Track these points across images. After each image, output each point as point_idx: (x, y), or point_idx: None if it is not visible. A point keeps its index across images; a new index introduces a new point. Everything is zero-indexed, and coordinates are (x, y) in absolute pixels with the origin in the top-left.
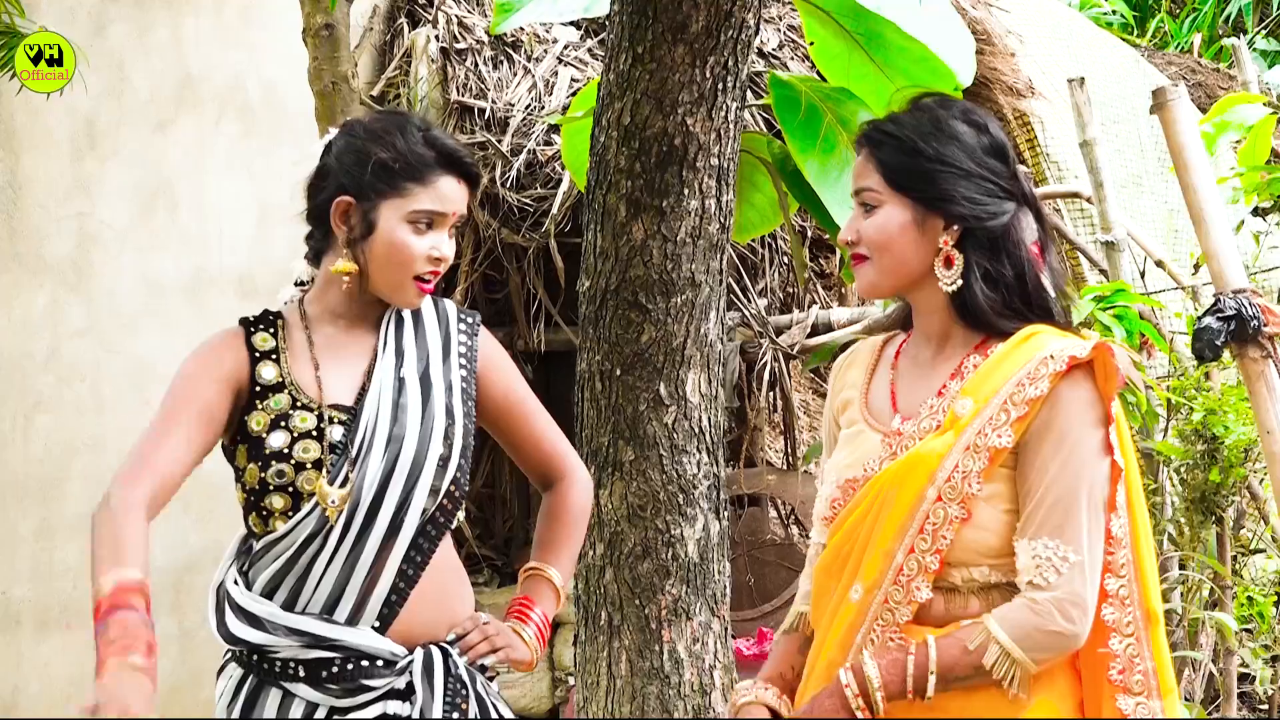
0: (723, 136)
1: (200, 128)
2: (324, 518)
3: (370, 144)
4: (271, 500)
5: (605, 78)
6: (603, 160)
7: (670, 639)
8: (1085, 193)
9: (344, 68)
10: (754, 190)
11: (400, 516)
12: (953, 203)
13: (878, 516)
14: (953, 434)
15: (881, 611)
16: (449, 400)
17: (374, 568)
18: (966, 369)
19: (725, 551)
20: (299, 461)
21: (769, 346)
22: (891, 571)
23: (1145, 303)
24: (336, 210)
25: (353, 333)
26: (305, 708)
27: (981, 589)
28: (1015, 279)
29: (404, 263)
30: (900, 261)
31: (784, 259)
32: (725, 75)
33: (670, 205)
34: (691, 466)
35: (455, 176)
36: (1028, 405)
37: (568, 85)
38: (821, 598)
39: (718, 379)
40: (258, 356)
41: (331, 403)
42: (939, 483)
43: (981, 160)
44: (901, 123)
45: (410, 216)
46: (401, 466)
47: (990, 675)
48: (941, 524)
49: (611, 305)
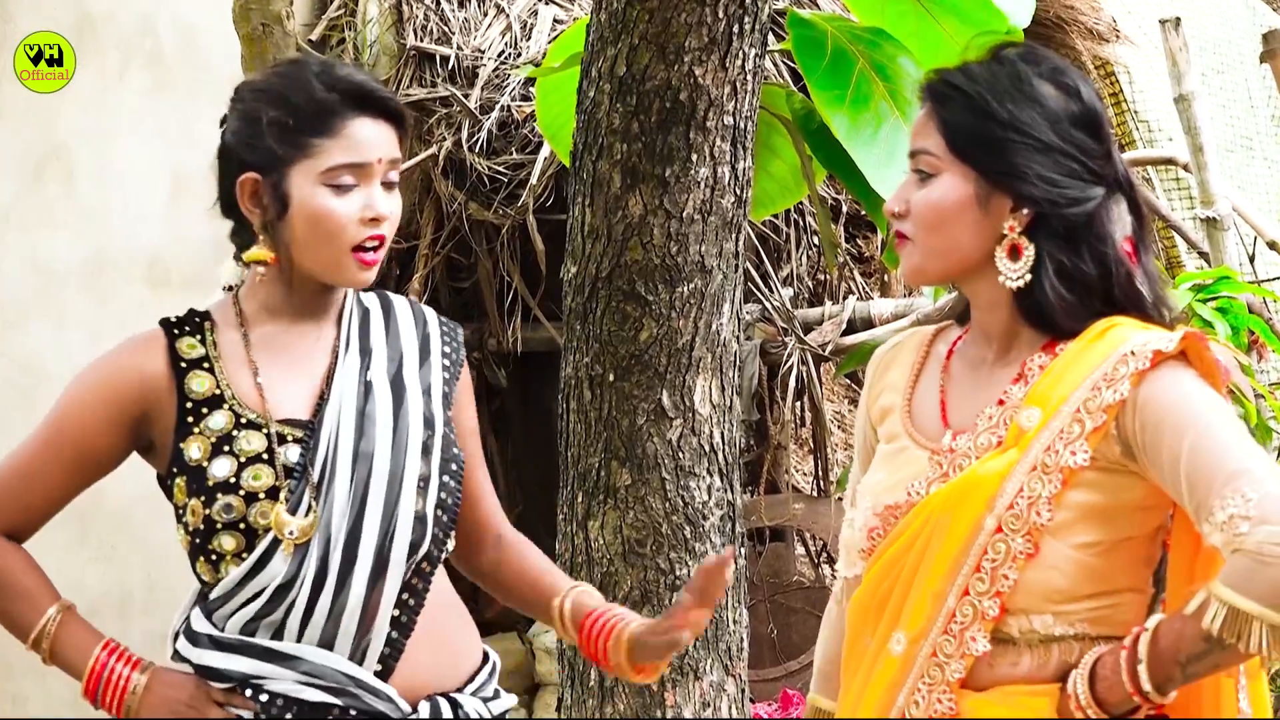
0: (738, 90)
1: (102, 80)
2: (295, 562)
3: (262, 105)
4: (221, 541)
5: (595, 19)
6: (593, 120)
7: (675, 703)
8: (1182, 159)
9: (277, 7)
10: (772, 156)
11: (385, 553)
12: (1024, 180)
13: (925, 550)
14: (1016, 451)
15: (929, 667)
16: (428, 407)
17: (364, 616)
18: (1031, 371)
19: (742, 597)
20: (249, 492)
21: (795, 346)
22: (942, 618)
23: (1255, 293)
24: (242, 191)
25: (301, 329)
26: None
27: (1042, 642)
28: (1098, 278)
29: (331, 233)
30: (954, 245)
31: (812, 239)
32: (742, 15)
33: (675, 174)
34: (701, 492)
35: (370, 116)
36: (1105, 413)
37: (549, 28)
38: (855, 646)
39: (733, 386)
40: (184, 367)
41: (282, 417)
42: (999, 510)
43: (1067, 132)
44: (974, 76)
45: (325, 178)
46: (375, 491)
47: (1234, 648)
48: (1003, 560)
49: (603, 296)
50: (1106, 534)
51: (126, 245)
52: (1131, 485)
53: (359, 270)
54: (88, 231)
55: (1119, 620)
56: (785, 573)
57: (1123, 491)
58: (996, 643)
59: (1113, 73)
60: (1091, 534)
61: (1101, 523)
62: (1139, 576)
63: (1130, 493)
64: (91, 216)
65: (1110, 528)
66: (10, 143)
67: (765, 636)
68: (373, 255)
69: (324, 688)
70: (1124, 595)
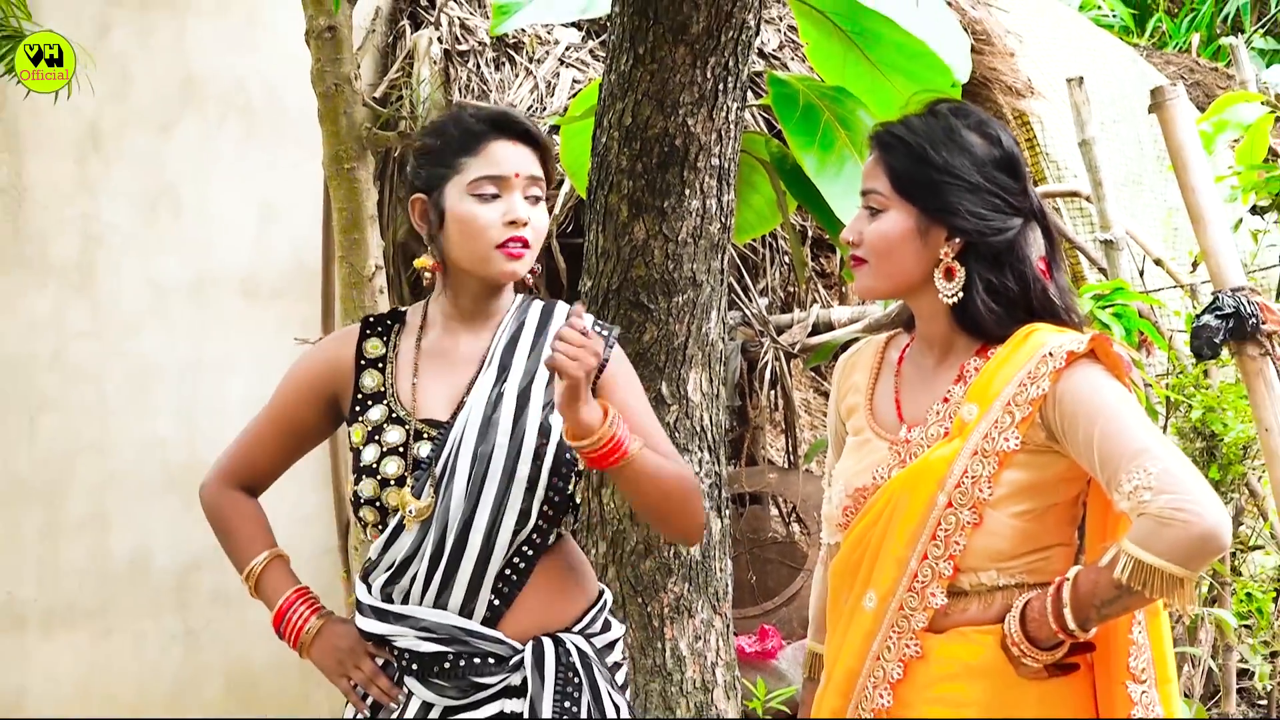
0: (724, 137)
1: (203, 130)
2: (416, 539)
3: (425, 139)
4: (364, 513)
5: (607, 78)
6: (604, 161)
7: (672, 636)
8: (1084, 191)
9: (346, 69)
10: (752, 191)
11: (492, 538)
12: (956, 215)
13: (889, 524)
14: (960, 440)
15: (897, 619)
16: (546, 417)
17: (471, 585)
18: (969, 373)
19: (727, 549)
20: (384, 477)
21: (770, 345)
22: (906, 578)
23: (1144, 301)
24: (414, 211)
25: (465, 336)
26: (419, 710)
27: (989, 591)
28: (1020, 293)
29: (476, 233)
30: (900, 269)
31: (784, 259)
32: (726, 76)
33: (671, 205)
34: (693, 465)
35: (508, 139)
36: (1031, 405)
37: (569, 86)
38: (836, 603)
39: (719, 378)
40: (364, 364)
41: (424, 417)
42: (948, 489)
43: (990, 174)
44: (913, 128)
45: (471, 189)
46: (489, 487)
47: (1139, 594)
48: (954, 530)
49: (613, 305)
50: (1037, 503)
51: (223, 265)
52: (1055, 462)
53: (504, 263)
54: (192, 255)
55: (1051, 570)
56: (762, 530)
57: (1048, 468)
58: (951, 595)
59: (1028, 121)
60: (1025, 504)
61: (1033, 494)
62: (1065, 534)
63: (1054, 468)
64: (195, 242)
65: (1040, 497)
66: (129, 182)
67: (746, 582)
68: (518, 250)
69: (438, 639)
70: (1054, 550)
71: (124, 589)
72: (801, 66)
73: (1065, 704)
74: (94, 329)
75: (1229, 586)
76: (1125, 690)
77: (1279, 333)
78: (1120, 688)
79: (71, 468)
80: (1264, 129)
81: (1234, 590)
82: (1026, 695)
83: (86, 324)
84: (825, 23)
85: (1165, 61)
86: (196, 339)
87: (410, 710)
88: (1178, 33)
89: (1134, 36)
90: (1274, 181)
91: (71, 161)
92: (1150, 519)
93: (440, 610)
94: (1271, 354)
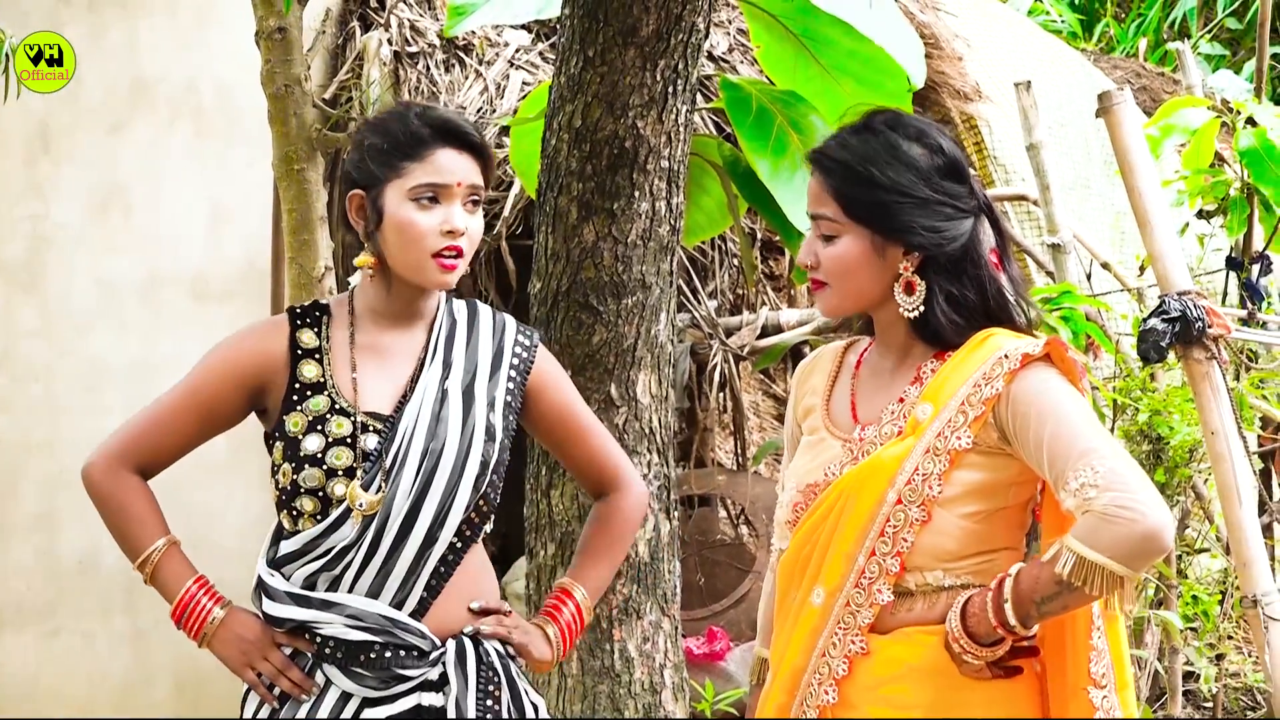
0: (673, 139)
1: (154, 130)
2: (358, 529)
3: (369, 134)
4: (302, 502)
5: (556, 81)
6: (554, 163)
7: (621, 638)
8: (1032, 195)
9: (297, 70)
10: (703, 193)
11: (435, 533)
12: (912, 233)
13: (838, 520)
14: (913, 439)
15: (843, 615)
16: (490, 417)
17: (407, 576)
18: (925, 375)
19: (675, 551)
20: (331, 468)
21: (719, 348)
22: (853, 574)
23: (1091, 304)
24: (350, 205)
25: (397, 333)
26: (336, 703)
27: (935, 591)
28: (978, 301)
29: (414, 240)
30: (860, 288)
31: (734, 261)
32: (675, 79)
33: (621, 208)
34: (642, 467)
35: (454, 148)
36: (984, 405)
37: (519, 89)
38: (783, 600)
39: (668, 380)
40: (300, 354)
41: (369, 410)
42: (899, 486)
43: (938, 185)
44: (853, 149)
45: (412, 194)
46: (438, 483)
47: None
48: (902, 526)
49: (563, 307)
50: (986, 505)
51: (174, 265)
52: (1007, 465)
53: (438, 273)
54: (142, 255)
55: (996, 573)
56: (710, 532)
57: (1000, 470)
58: (898, 595)
59: (976, 126)
60: (974, 505)
61: (983, 496)
62: (1014, 538)
63: (1006, 471)
64: (145, 242)
65: (990, 500)
66: (79, 181)
67: (694, 584)
68: (451, 261)
69: (366, 628)
70: (1001, 554)
71: (73, 589)
72: (751, 70)
73: (1013, 707)
74: (43, 328)
75: (1175, 589)
76: (1087, 696)
77: (1225, 336)
78: (1082, 693)
79: (20, 467)
80: (1210, 134)
81: (1180, 593)
82: (972, 697)
83: (36, 323)
84: (776, 26)
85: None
86: (146, 339)
87: (325, 702)
88: (1125, 38)
89: (1081, 41)
90: (1220, 186)
91: (21, 161)
92: (1095, 516)
93: (372, 600)
94: (1217, 358)
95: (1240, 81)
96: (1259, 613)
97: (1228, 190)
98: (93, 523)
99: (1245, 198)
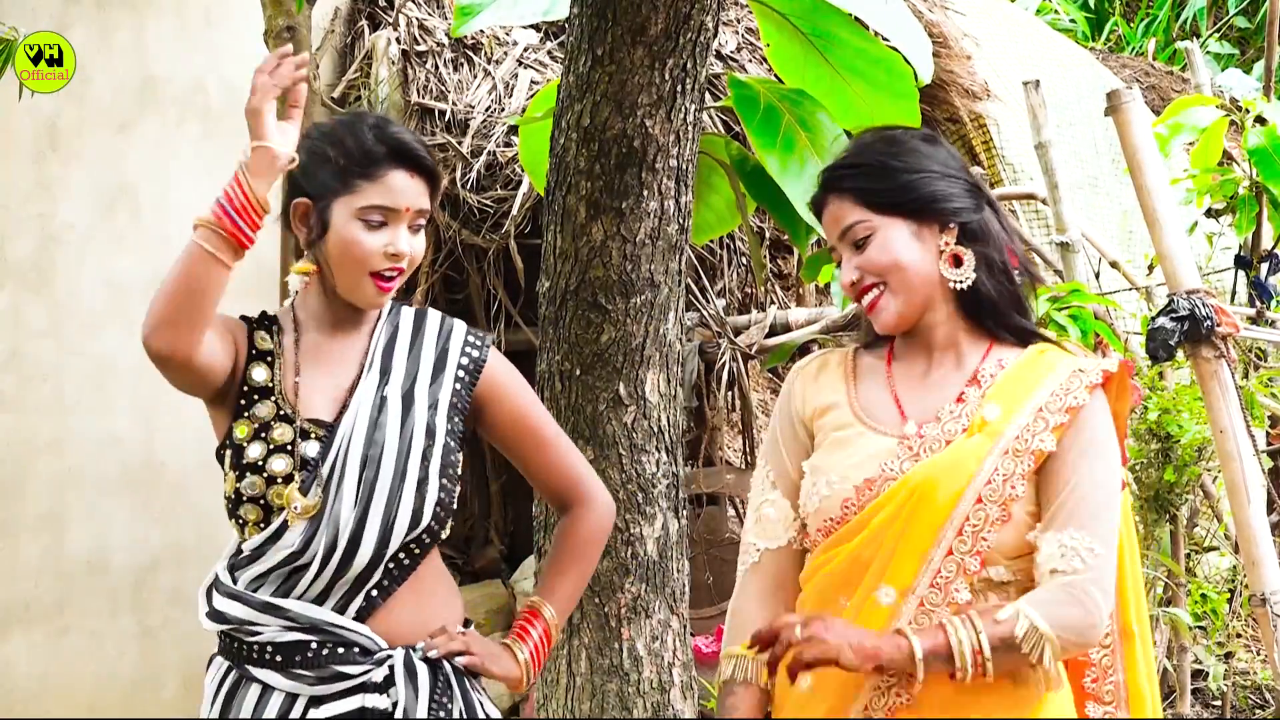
0: (681, 138)
1: (162, 129)
2: (304, 537)
3: (323, 144)
4: (245, 510)
5: (565, 80)
6: (562, 162)
7: (629, 636)
8: (1040, 194)
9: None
10: (711, 192)
11: (385, 539)
12: (945, 201)
13: (910, 519)
14: (984, 437)
15: (918, 616)
16: (431, 419)
17: (355, 584)
18: (984, 377)
19: (684, 550)
20: (271, 474)
21: (727, 347)
22: (928, 574)
23: (1100, 303)
24: (295, 213)
25: (339, 339)
26: (283, 704)
27: (993, 586)
28: (1004, 272)
29: (357, 260)
30: (915, 273)
31: (743, 260)
32: (684, 77)
33: (629, 206)
34: (650, 465)
35: (407, 171)
36: (1068, 413)
37: (527, 87)
38: (825, 601)
39: (676, 379)
40: (254, 354)
41: (310, 416)
42: (979, 485)
43: (947, 164)
44: (861, 152)
45: (360, 213)
46: (380, 489)
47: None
48: (982, 526)
49: (571, 306)
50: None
51: None
52: None
53: (374, 294)
54: (151, 254)
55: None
56: (719, 531)
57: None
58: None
59: (985, 124)
60: (1035, 503)
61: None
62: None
63: None
64: (153, 242)
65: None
66: (87, 181)
67: (703, 583)
68: (388, 284)
69: (302, 629)
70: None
71: (81, 588)
72: (759, 69)
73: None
74: (52, 328)
75: (1184, 588)
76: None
77: (1233, 335)
78: (1080, 708)
79: (29, 466)
80: (1218, 132)
81: (1189, 591)
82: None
83: (44, 323)
84: (786, 25)
85: (1121, 65)
86: None
87: (271, 703)
88: (1134, 37)
89: (1090, 40)
90: (1228, 185)
91: (29, 161)
92: (1066, 590)
93: (313, 605)
94: (1225, 356)
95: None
96: (1268, 611)
97: (1236, 189)
98: (101, 522)
99: (1254, 196)
